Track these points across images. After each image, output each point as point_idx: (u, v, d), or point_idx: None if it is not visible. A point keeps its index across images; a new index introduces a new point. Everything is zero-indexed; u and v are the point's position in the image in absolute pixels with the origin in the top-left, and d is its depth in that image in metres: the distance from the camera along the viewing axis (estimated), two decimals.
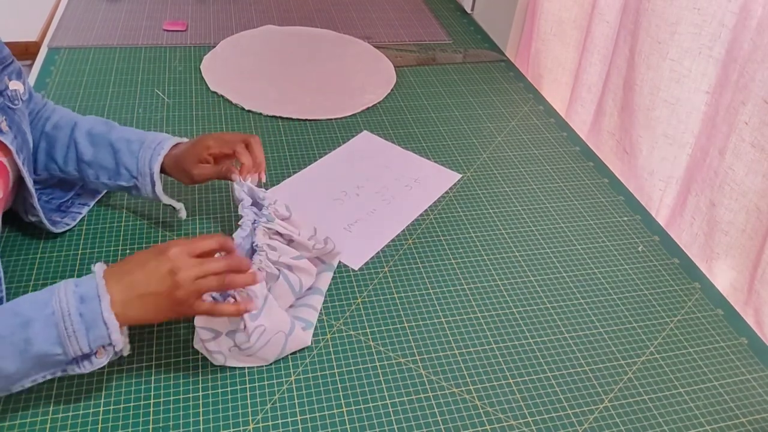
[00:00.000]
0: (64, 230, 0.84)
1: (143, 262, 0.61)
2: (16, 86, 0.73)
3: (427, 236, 0.90)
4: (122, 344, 0.61)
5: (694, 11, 0.92)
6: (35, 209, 0.77)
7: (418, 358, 0.73)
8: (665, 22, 0.97)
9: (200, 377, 0.69)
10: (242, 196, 0.75)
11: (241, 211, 0.74)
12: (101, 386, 0.67)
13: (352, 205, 0.95)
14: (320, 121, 1.13)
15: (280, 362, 0.71)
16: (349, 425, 0.66)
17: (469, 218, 0.94)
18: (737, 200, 0.89)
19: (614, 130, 1.15)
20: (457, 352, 0.74)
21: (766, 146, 0.84)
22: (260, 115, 1.13)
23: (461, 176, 1.03)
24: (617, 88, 1.12)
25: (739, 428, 0.69)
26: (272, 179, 0.98)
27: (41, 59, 1.24)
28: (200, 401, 0.66)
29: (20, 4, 2.61)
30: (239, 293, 0.65)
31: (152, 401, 0.66)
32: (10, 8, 2.64)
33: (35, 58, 1.27)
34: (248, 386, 0.68)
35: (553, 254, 0.89)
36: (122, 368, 0.68)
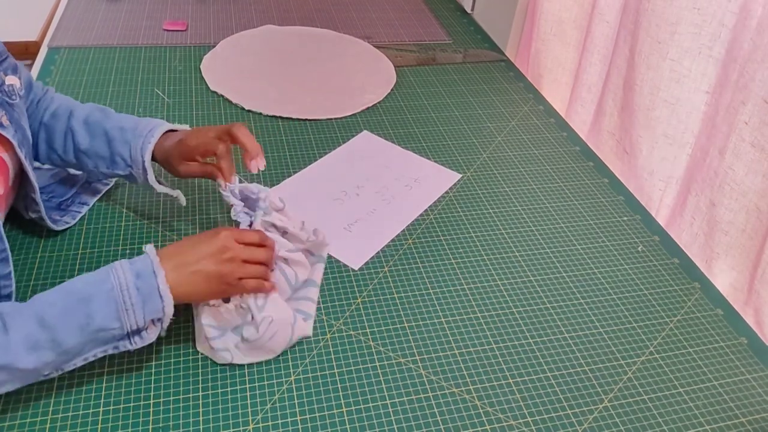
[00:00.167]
0: (64, 228, 0.84)
1: (195, 243, 0.66)
2: (12, 81, 0.73)
3: (427, 236, 0.90)
4: (169, 319, 0.64)
5: (694, 11, 0.92)
6: (37, 205, 0.77)
7: (418, 358, 0.73)
8: (665, 22, 0.97)
9: (200, 377, 0.69)
10: (232, 201, 0.75)
11: (234, 216, 0.74)
12: (101, 386, 0.67)
13: (352, 205, 0.95)
14: (320, 121, 1.13)
15: (280, 362, 0.71)
16: (349, 425, 0.66)
17: (469, 218, 0.94)
18: (737, 200, 0.89)
19: (614, 130, 1.15)
20: (457, 352, 0.74)
21: (766, 146, 0.84)
22: (260, 114, 1.13)
23: (461, 176, 1.03)
24: (617, 88, 1.12)
25: (739, 428, 0.69)
26: (272, 179, 0.98)
27: (41, 59, 1.24)
28: (200, 401, 0.66)
29: (20, 4, 2.61)
30: None
31: (152, 401, 0.66)
32: (10, 8, 2.64)
33: (35, 57, 1.27)
34: (248, 386, 0.68)
35: (553, 254, 0.89)
36: (122, 368, 0.69)
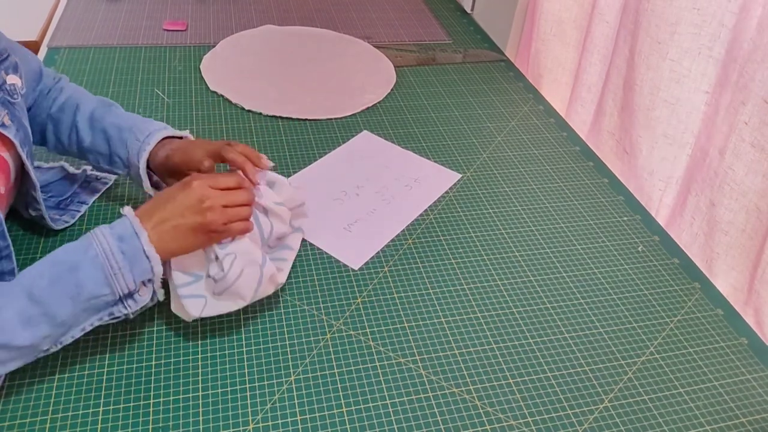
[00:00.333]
0: (63, 227, 0.84)
1: (170, 197, 0.65)
2: (13, 80, 0.73)
3: (427, 236, 0.90)
4: (160, 279, 0.64)
5: (694, 11, 0.92)
6: (38, 203, 0.77)
7: (418, 358, 0.73)
8: (665, 22, 0.97)
9: (200, 377, 0.69)
10: None
11: None
12: (101, 386, 0.67)
13: (352, 205, 0.95)
14: (320, 121, 1.13)
15: (280, 362, 0.71)
16: (349, 425, 0.66)
17: (469, 218, 0.94)
18: (737, 200, 0.89)
19: (614, 130, 1.15)
20: (457, 352, 0.74)
21: (766, 146, 0.84)
22: (260, 114, 1.13)
23: (461, 176, 1.03)
24: (617, 88, 1.12)
25: (739, 428, 0.69)
26: None
27: (41, 59, 1.24)
28: (200, 401, 0.66)
29: (20, 4, 2.61)
30: None
31: (152, 401, 0.66)
32: (10, 8, 2.64)
33: None
34: (248, 386, 0.68)
35: (553, 254, 0.89)
36: (122, 368, 0.69)
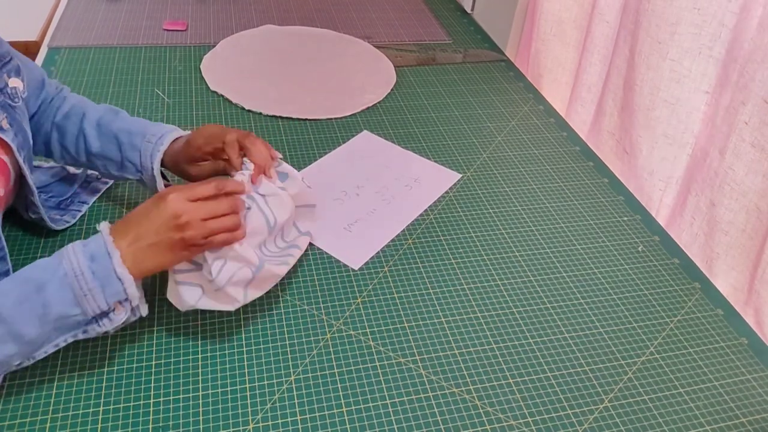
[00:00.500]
0: (64, 227, 0.84)
1: (145, 212, 0.63)
2: (15, 84, 0.73)
3: (427, 236, 0.90)
4: (138, 300, 0.62)
5: (694, 11, 0.92)
6: (36, 206, 0.77)
7: (418, 358, 0.73)
8: (665, 22, 0.97)
9: (200, 377, 0.69)
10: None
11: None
12: (101, 386, 0.67)
13: (352, 205, 0.95)
14: (320, 120, 1.13)
15: (280, 362, 0.71)
16: (349, 425, 0.66)
17: (469, 218, 0.94)
18: (737, 200, 0.89)
19: (614, 130, 1.15)
20: (457, 352, 0.74)
21: (766, 146, 0.84)
22: (260, 114, 1.13)
23: (461, 176, 1.03)
24: (617, 88, 1.12)
25: (739, 428, 0.69)
26: None
27: (41, 59, 1.24)
28: (200, 401, 0.66)
29: (20, 4, 2.61)
30: None
31: (152, 401, 0.66)
32: (10, 8, 2.64)
33: (35, 58, 1.27)
34: (248, 386, 0.68)
35: (553, 254, 0.89)
36: (122, 368, 0.68)
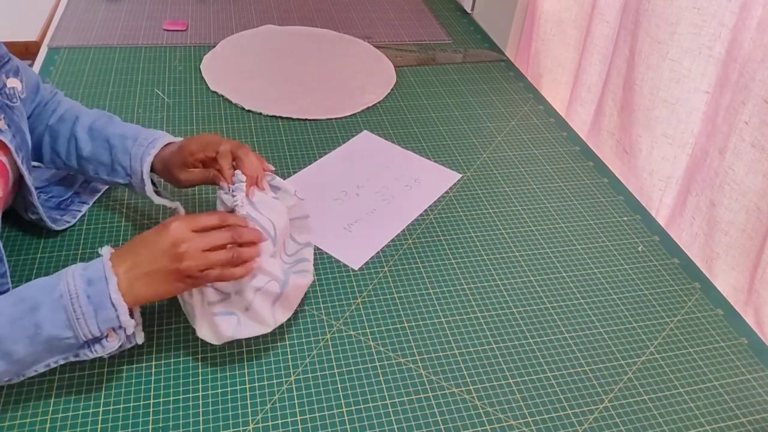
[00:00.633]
0: (64, 228, 0.84)
1: (146, 240, 0.62)
2: (13, 84, 0.73)
3: (427, 236, 0.90)
4: (133, 328, 0.61)
5: (694, 11, 0.92)
6: (35, 207, 0.77)
7: (418, 358, 0.73)
8: (665, 22, 0.97)
9: (200, 377, 0.69)
10: (231, 204, 0.72)
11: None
12: (101, 386, 0.67)
13: (352, 205, 0.95)
14: (320, 121, 1.13)
15: (280, 362, 0.71)
16: (349, 425, 0.66)
17: (469, 218, 0.94)
18: (737, 200, 0.89)
19: (614, 129, 1.15)
20: (457, 352, 0.74)
21: (766, 146, 0.84)
22: (260, 114, 1.13)
23: (461, 176, 1.03)
24: (617, 88, 1.12)
25: (739, 428, 0.69)
26: None
27: (41, 59, 1.24)
28: (200, 401, 0.66)
29: (20, 4, 2.61)
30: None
31: (152, 401, 0.66)
32: (10, 8, 2.64)
33: (35, 58, 1.27)
34: (248, 386, 0.68)
35: (553, 254, 0.89)
36: (122, 368, 0.68)
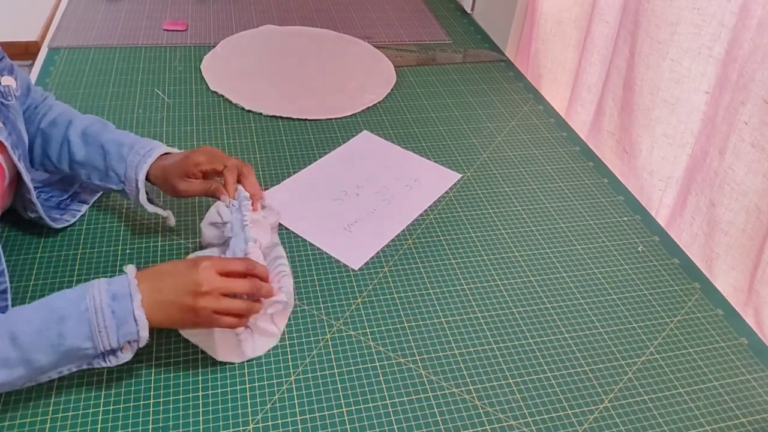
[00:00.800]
0: (63, 226, 0.84)
1: (174, 270, 0.64)
2: (8, 82, 0.73)
3: (427, 236, 0.90)
4: (145, 342, 0.63)
5: (694, 11, 0.92)
6: (34, 205, 0.77)
7: (418, 358, 0.73)
8: (665, 22, 0.97)
9: (200, 377, 0.69)
10: (228, 218, 0.73)
11: (228, 233, 0.72)
12: (101, 386, 0.67)
13: (352, 205, 0.95)
14: (320, 121, 1.13)
15: (280, 362, 0.71)
16: (349, 425, 0.66)
17: (469, 218, 0.94)
18: (737, 200, 0.89)
19: (614, 130, 1.15)
20: (457, 352, 0.74)
21: (766, 146, 0.84)
22: (260, 115, 1.13)
23: (461, 176, 1.03)
24: (617, 88, 1.12)
25: (739, 428, 0.69)
26: (272, 179, 0.98)
27: (41, 59, 1.24)
28: (200, 401, 0.66)
29: (20, 4, 2.61)
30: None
31: (152, 401, 0.66)
32: (10, 8, 2.64)
33: (35, 58, 1.27)
34: (248, 386, 0.68)
35: (553, 254, 0.89)
36: (122, 368, 0.68)
